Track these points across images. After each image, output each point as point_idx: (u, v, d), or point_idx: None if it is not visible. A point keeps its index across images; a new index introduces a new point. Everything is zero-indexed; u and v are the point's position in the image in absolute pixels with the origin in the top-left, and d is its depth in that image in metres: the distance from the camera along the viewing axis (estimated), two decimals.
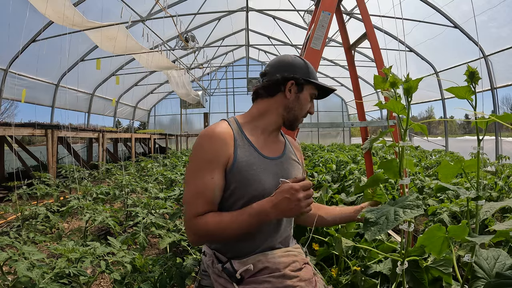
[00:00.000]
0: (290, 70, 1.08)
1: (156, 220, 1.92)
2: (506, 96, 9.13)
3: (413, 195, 0.80)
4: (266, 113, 1.10)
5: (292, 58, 1.11)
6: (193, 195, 0.95)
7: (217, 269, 0.98)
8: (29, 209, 2.63)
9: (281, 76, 1.07)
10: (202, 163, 0.97)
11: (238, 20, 9.26)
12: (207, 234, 0.92)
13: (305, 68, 1.10)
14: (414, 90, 0.88)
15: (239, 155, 0.99)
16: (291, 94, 1.07)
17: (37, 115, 10.46)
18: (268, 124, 1.10)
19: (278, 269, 0.95)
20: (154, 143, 10.82)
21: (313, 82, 1.09)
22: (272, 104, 1.09)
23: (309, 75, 1.09)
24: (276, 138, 1.14)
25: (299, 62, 1.10)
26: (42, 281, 1.07)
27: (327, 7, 1.89)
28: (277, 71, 1.08)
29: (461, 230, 0.78)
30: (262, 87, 1.10)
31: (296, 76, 1.07)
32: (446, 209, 2.12)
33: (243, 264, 0.95)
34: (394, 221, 0.75)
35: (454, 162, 0.91)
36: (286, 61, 1.10)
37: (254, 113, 1.11)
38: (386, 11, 5.72)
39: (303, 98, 1.09)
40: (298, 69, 1.09)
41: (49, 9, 4.32)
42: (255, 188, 0.97)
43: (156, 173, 4.53)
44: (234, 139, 1.01)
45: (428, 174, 4.05)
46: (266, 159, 1.04)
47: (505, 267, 0.84)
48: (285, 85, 1.07)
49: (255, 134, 1.07)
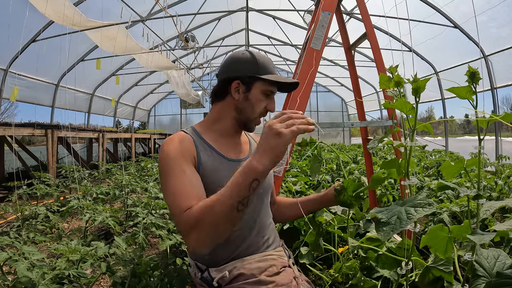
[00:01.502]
0: (234, 69, 1.00)
1: (156, 221, 1.92)
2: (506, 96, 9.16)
3: (423, 194, 0.80)
4: (220, 117, 1.04)
5: (238, 54, 1.02)
6: (173, 197, 0.87)
7: (198, 278, 0.97)
8: (29, 209, 2.63)
9: (226, 77, 1.01)
10: (170, 164, 0.91)
11: (238, 20, 9.25)
12: (197, 222, 0.79)
13: (253, 64, 0.99)
14: (422, 90, 0.87)
15: (203, 159, 0.96)
16: (239, 95, 1.00)
17: (37, 115, 10.48)
18: (225, 128, 1.05)
19: (254, 275, 0.93)
20: (154, 143, 10.82)
21: (262, 78, 0.98)
22: (224, 108, 1.04)
23: (258, 71, 0.99)
24: (239, 140, 1.10)
25: (245, 58, 1.00)
26: (42, 281, 1.07)
27: (327, 7, 1.89)
28: (223, 71, 1.02)
29: (464, 230, 0.78)
30: (213, 92, 1.05)
31: (239, 75, 0.99)
32: (446, 209, 2.12)
33: (219, 271, 0.94)
34: (407, 220, 0.74)
35: (456, 162, 0.91)
36: (232, 59, 1.03)
37: (210, 119, 1.07)
38: (386, 11, 5.72)
39: (253, 98, 1.00)
40: (243, 66, 0.99)
41: (49, 9, 4.32)
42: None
43: (156, 173, 4.53)
44: (195, 144, 0.97)
45: (428, 174, 4.06)
46: (231, 162, 1.00)
47: (505, 266, 0.84)
48: (230, 86, 1.00)
49: (215, 139, 1.03)
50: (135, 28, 6.60)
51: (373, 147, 1.09)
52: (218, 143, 1.02)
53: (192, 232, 0.80)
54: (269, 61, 1.04)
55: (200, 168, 0.94)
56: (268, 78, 0.99)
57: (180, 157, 0.91)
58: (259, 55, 1.02)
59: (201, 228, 0.79)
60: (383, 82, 1.06)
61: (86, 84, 9.28)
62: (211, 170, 0.95)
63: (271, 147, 0.74)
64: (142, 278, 1.27)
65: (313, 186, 3.63)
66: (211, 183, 0.93)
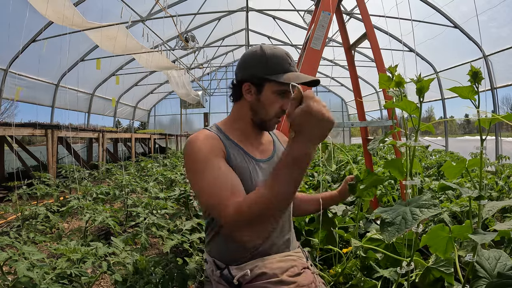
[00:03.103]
0: (245, 69, 0.98)
1: (158, 221, 1.92)
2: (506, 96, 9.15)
3: (428, 195, 0.79)
4: (239, 117, 1.04)
5: (250, 52, 0.99)
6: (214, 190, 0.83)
7: (216, 276, 0.97)
8: (29, 209, 2.63)
9: (237, 80, 1.01)
10: (204, 158, 0.89)
11: (238, 20, 9.25)
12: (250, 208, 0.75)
13: (262, 64, 0.95)
14: (426, 89, 0.87)
15: (232, 156, 0.95)
16: (251, 97, 0.98)
17: (37, 115, 10.45)
18: (245, 127, 1.04)
19: (276, 274, 0.93)
20: (154, 143, 10.81)
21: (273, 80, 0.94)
22: (241, 109, 1.04)
23: (268, 70, 0.94)
24: (262, 139, 1.09)
25: (256, 57, 0.97)
26: (43, 281, 1.07)
27: (327, 7, 1.89)
28: (237, 71, 1.02)
29: (465, 230, 0.78)
30: (231, 93, 1.06)
31: (250, 77, 0.97)
32: (446, 209, 2.12)
33: (240, 269, 0.94)
34: (412, 221, 0.73)
35: (457, 162, 0.91)
36: (243, 58, 1.01)
37: (231, 118, 1.07)
38: (386, 11, 5.72)
39: (265, 99, 0.97)
40: (253, 67, 0.96)
41: (49, 10, 4.32)
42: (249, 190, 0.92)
43: (156, 173, 4.53)
44: (223, 142, 0.97)
45: (428, 174, 4.05)
46: (256, 162, 1.00)
47: (506, 267, 0.84)
48: (242, 88, 0.99)
49: (240, 138, 1.02)
50: (135, 28, 6.60)
51: (373, 148, 1.09)
52: (243, 143, 1.02)
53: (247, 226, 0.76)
54: (282, 56, 0.97)
55: (231, 161, 0.94)
56: (278, 79, 0.94)
57: (213, 154, 0.90)
58: (270, 52, 0.96)
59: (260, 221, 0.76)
60: (383, 82, 1.06)
61: (86, 84, 9.28)
62: (239, 167, 0.94)
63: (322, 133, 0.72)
64: (144, 275, 1.28)
65: (313, 186, 3.63)
66: (240, 176, 0.93)
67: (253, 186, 0.93)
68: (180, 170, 4.86)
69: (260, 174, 0.98)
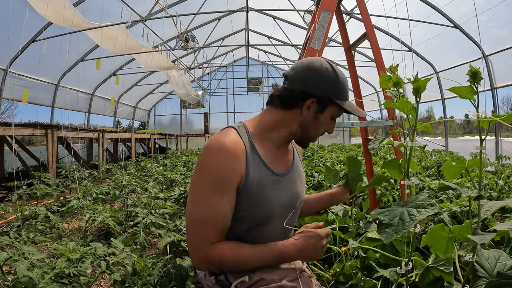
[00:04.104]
0: (315, 84, 0.92)
1: (156, 220, 1.92)
2: (506, 96, 9.13)
3: (424, 194, 0.79)
4: (278, 126, 0.97)
5: (323, 67, 0.94)
6: (202, 221, 0.87)
7: (210, 282, 0.95)
8: (29, 209, 2.63)
9: (301, 90, 0.92)
10: (211, 184, 0.86)
11: (238, 20, 9.25)
12: (221, 263, 0.88)
13: (335, 85, 0.93)
14: (423, 89, 0.87)
15: (251, 174, 0.90)
16: (309, 113, 0.94)
17: (37, 115, 10.46)
18: (279, 138, 0.99)
19: (274, 280, 0.91)
20: (154, 143, 10.82)
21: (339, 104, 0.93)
22: (286, 118, 0.96)
23: (338, 95, 0.93)
24: (285, 150, 1.05)
25: (329, 76, 0.93)
26: (42, 281, 1.07)
27: (327, 7, 1.89)
28: (300, 80, 0.93)
29: (465, 230, 0.78)
30: (278, 96, 0.96)
31: (319, 95, 0.92)
32: (446, 209, 2.12)
33: (238, 276, 0.91)
34: (410, 222, 0.73)
35: (457, 162, 0.91)
36: (315, 70, 0.93)
37: (265, 123, 0.98)
38: (386, 11, 5.72)
39: (322, 120, 0.95)
40: (325, 84, 0.92)
41: (49, 11, 4.32)
42: (264, 210, 0.92)
43: (156, 173, 4.53)
44: (246, 155, 0.90)
45: (428, 174, 4.05)
46: (277, 177, 0.96)
47: (506, 267, 0.84)
48: (304, 101, 0.93)
49: (266, 147, 0.96)
50: (135, 28, 6.60)
51: (374, 148, 1.09)
52: (268, 155, 0.97)
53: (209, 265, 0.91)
54: (346, 83, 0.97)
55: (247, 184, 0.90)
56: (346, 107, 0.94)
57: (227, 183, 0.87)
58: (341, 75, 0.96)
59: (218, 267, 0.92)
60: (383, 81, 1.06)
61: (86, 84, 9.28)
62: (257, 186, 0.91)
63: (310, 254, 0.91)
64: (142, 276, 1.28)
65: (313, 186, 3.63)
66: (255, 201, 0.91)
67: (268, 204, 0.93)
68: (180, 170, 4.86)
69: (276, 190, 0.96)
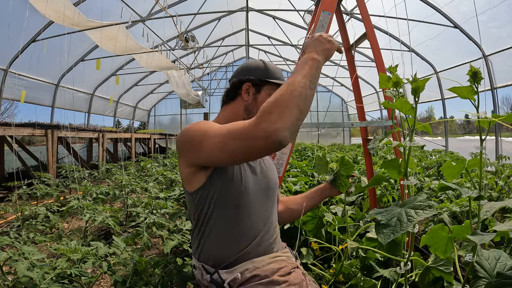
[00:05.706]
0: (245, 73, 1.12)
1: (158, 220, 1.92)
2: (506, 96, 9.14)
3: (423, 195, 0.79)
4: (230, 118, 1.09)
5: (251, 62, 1.16)
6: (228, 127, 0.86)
7: (206, 281, 0.98)
8: (29, 209, 2.63)
9: (237, 80, 1.11)
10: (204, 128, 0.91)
11: (238, 20, 9.25)
12: (278, 103, 0.78)
13: (263, 69, 1.12)
14: (422, 90, 0.87)
15: None
16: (249, 96, 1.10)
17: (37, 115, 10.47)
18: None
19: (267, 275, 0.94)
20: (154, 143, 10.81)
21: (271, 82, 1.10)
22: (234, 108, 1.12)
23: (267, 75, 1.11)
24: None
25: (257, 65, 1.14)
26: (43, 281, 1.07)
27: (327, 7, 1.89)
28: (236, 74, 1.14)
29: (465, 230, 0.77)
30: (225, 93, 1.16)
31: (251, 78, 1.10)
32: (446, 209, 2.12)
33: (231, 273, 0.94)
34: (408, 223, 0.72)
35: (457, 163, 0.91)
36: (244, 65, 1.16)
37: (223, 118, 1.12)
38: (386, 11, 5.72)
39: (261, 99, 1.09)
40: (254, 71, 1.11)
41: (49, 9, 4.32)
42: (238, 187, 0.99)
43: (156, 173, 4.53)
44: None
45: (428, 174, 4.05)
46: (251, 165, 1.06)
47: (506, 267, 0.84)
48: (241, 88, 1.10)
49: None
50: (135, 28, 6.60)
51: (373, 148, 1.08)
52: None
53: (271, 115, 0.77)
54: (278, 69, 1.17)
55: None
56: (277, 82, 1.10)
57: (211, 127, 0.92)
58: (269, 63, 1.16)
59: (284, 108, 0.78)
60: (383, 82, 1.06)
61: (86, 84, 9.28)
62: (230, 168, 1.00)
63: (325, 48, 0.94)
64: (143, 276, 1.28)
65: (313, 186, 3.63)
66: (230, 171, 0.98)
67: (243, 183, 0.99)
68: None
69: (248, 170, 1.04)
